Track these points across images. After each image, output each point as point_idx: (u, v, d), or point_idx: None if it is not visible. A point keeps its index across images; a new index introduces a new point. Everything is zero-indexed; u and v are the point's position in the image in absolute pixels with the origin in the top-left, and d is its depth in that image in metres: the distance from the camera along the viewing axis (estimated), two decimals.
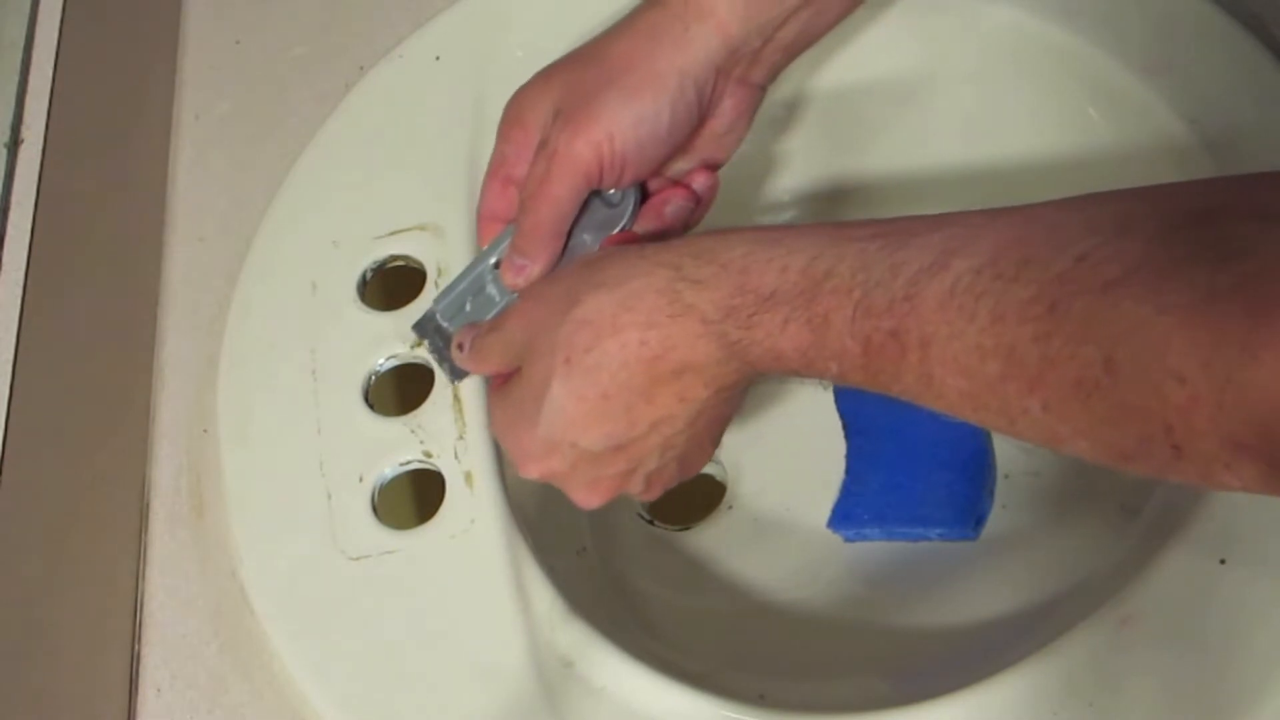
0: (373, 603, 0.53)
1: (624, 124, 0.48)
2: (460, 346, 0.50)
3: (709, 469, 0.63)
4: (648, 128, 0.48)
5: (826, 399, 0.61)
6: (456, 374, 0.53)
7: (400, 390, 0.59)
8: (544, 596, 0.51)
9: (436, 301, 0.54)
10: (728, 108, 0.51)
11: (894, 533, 0.58)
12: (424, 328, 0.54)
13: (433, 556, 0.53)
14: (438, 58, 0.65)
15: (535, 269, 0.50)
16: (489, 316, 0.51)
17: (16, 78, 0.60)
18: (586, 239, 0.50)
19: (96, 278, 0.61)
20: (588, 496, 0.47)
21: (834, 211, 0.66)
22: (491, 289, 0.52)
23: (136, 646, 0.56)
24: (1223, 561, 0.46)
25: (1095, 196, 0.36)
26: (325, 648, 0.52)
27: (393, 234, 0.61)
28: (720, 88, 0.50)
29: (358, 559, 0.54)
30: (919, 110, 0.64)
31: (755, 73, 0.51)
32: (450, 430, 0.56)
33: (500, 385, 0.48)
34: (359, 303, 0.60)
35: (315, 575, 0.54)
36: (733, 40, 0.49)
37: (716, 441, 0.48)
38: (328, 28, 0.70)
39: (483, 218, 0.53)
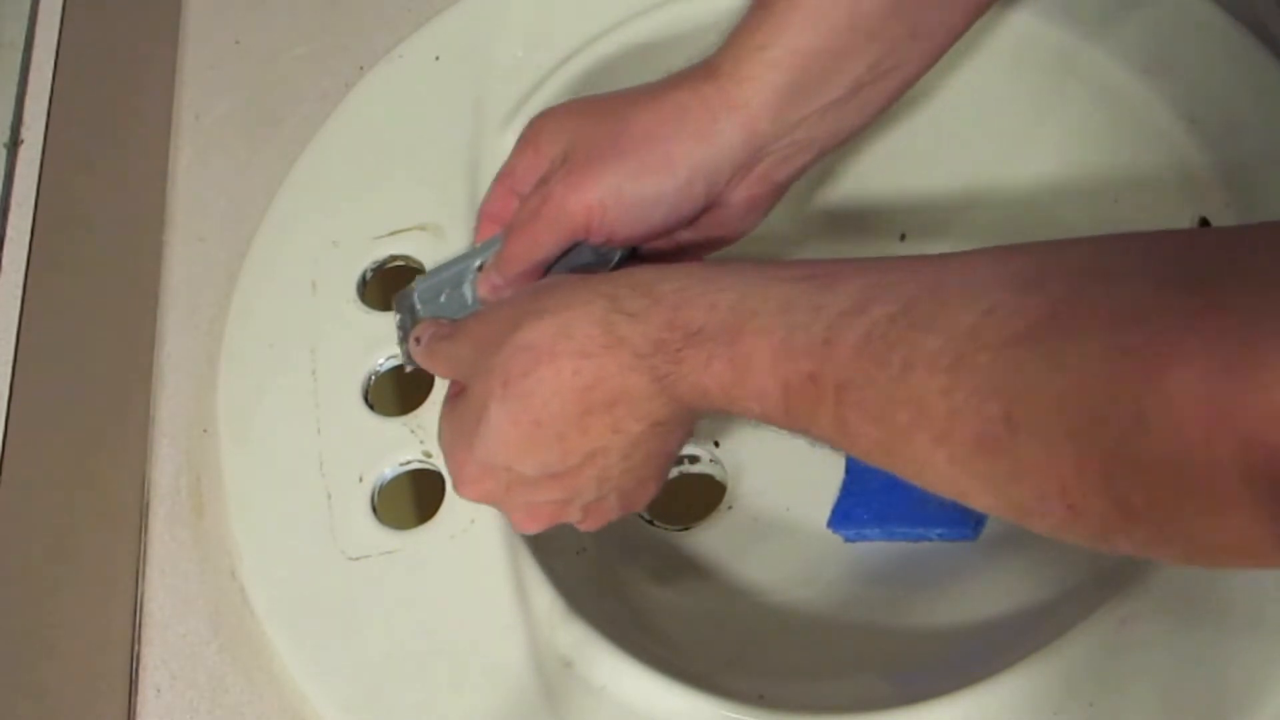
0: (372, 603, 0.53)
1: (621, 197, 0.47)
2: (417, 340, 0.51)
3: (709, 469, 0.63)
4: (644, 209, 0.48)
5: None
6: (409, 360, 0.53)
7: (400, 390, 0.59)
8: (544, 596, 0.51)
9: (419, 281, 0.54)
10: (740, 200, 0.50)
11: (894, 533, 0.57)
12: (401, 303, 0.55)
13: (433, 556, 0.53)
14: (438, 58, 0.65)
15: (506, 291, 0.50)
16: (458, 316, 0.52)
17: (16, 78, 0.60)
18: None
19: (96, 278, 0.61)
20: (524, 521, 0.47)
21: (831, 210, 0.66)
22: (467, 290, 0.53)
23: (136, 646, 0.56)
24: None
25: (1015, 248, 0.36)
26: (325, 647, 0.52)
27: (393, 234, 0.61)
28: (735, 182, 0.49)
29: (358, 559, 0.54)
30: (918, 110, 0.64)
31: (778, 171, 0.50)
32: None
33: (450, 401, 0.48)
34: (359, 303, 0.60)
35: (315, 575, 0.54)
36: (759, 138, 0.48)
37: (660, 478, 0.47)
38: (328, 28, 0.70)
39: (484, 215, 0.53)
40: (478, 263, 0.52)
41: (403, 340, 0.54)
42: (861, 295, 0.37)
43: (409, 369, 0.54)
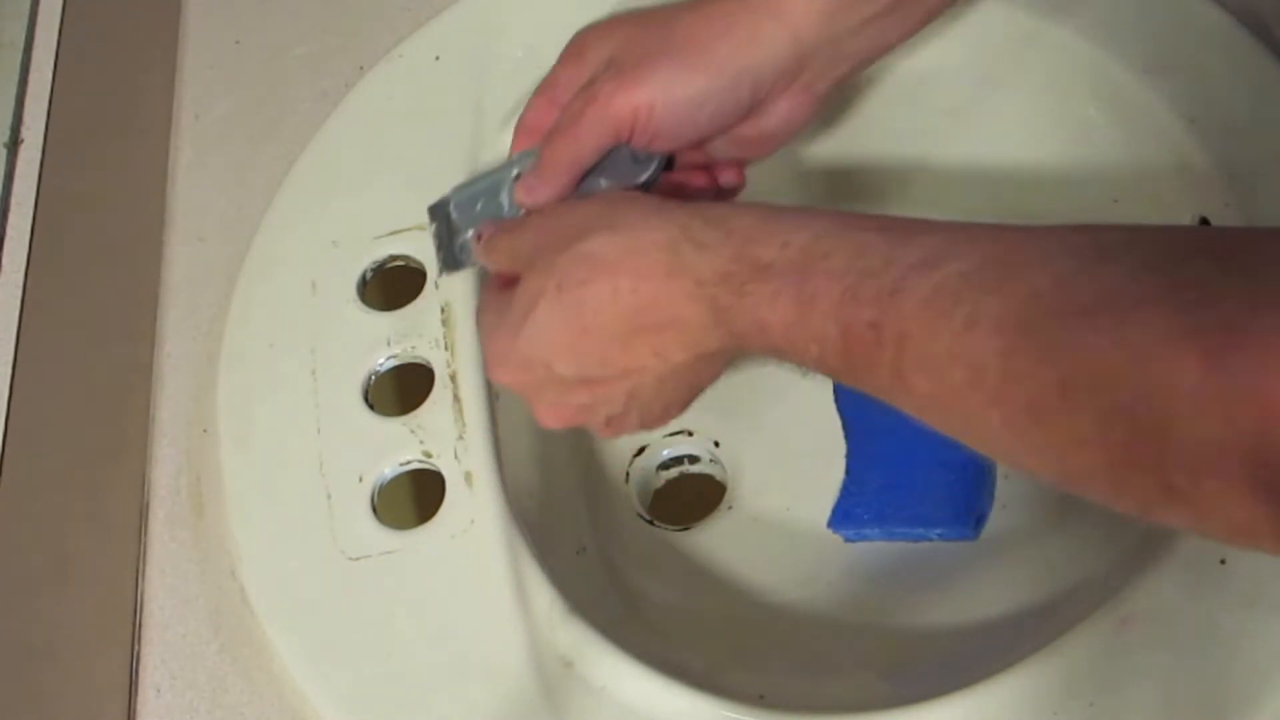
0: (372, 603, 0.53)
1: (669, 98, 0.48)
2: (479, 237, 0.51)
3: (709, 469, 0.63)
4: (690, 109, 0.48)
5: (827, 399, 0.61)
6: (448, 265, 0.54)
7: (400, 390, 0.59)
8: (544, 596, 0.51)
9: (454, 191, 0.54)
10: (781, 110, 0.50)
11: (894, 533, 0.57)
12: (435, 212, 0.55)
13: (433, 556, 0.53)
14: (438, 58, 0.65)
15: (544, 195, 0.50)
16: (485, 222, 0.53)
17: (16, 78, 0.60)
18: (603, 184, 0.51)
19: (96, 278, 0.61)
20: (547, 417, 0.49)
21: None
22: (504, 198, 0.53)
23: (136, 646, 0.56)
24: (1223, 561, 0.46)
25: (1092, 225, 0.36)
26: (325, 648, 0.52)
27: (393, 234, 0.61)
28: (779, 90, 0.50)
29: (357, 559, 0.54)
30: (918, 110, 0.64)
31: (820, 82, 0.50)
32: (450, 430, 0.56)
33: (498, 287, 0.49)
34: (359, 303, 0.60)
35: (315, 575, 0.54)
36: (804, 46, 0.48)
37: (684, 406, 0.48)
38: (328, 28, 0.70)
39: (520, 127, 0.53)
40: (515, 171, 0.52)
41: (439, 249, 0.55)
42: (935, 251, 0.38)
43: (443, 275, 0.56)
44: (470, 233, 0.53)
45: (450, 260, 0.54)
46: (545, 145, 0.50)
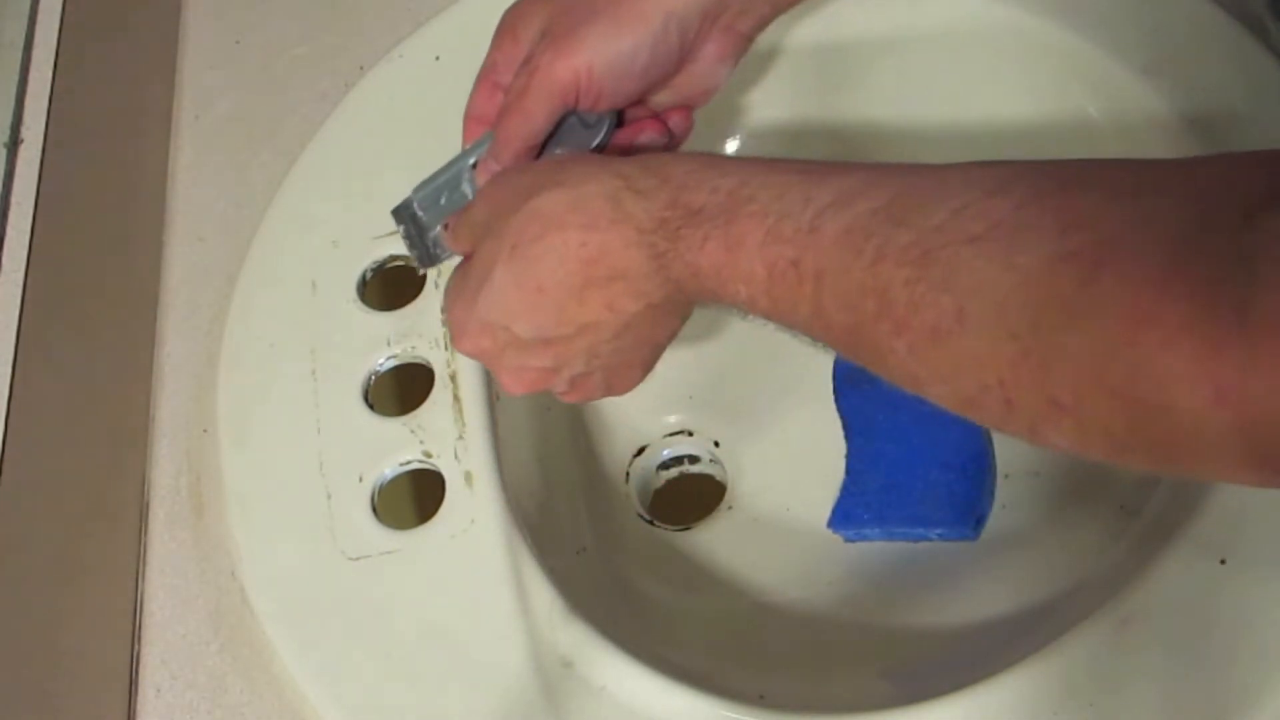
0: (372, 603, 0.53)
1: (604, 56, 0.49)
2: (446, 226, 0.53)
3: (709, 469, 0.63)
4: (626, 63, 0.50)
5: (827, 399, 0.61)
6: (424, 261, 0.55)
7: (400, 390, 0.59)
8: (544, 596, 0.51)
9: (415, 191, 0.55)
10: (710, 53, 0.52)
11: (894, 533, 0.57)
12: (401, 214, 0.56)
13: (433, 556, 0.53)
14: (438, 58, 0.65)
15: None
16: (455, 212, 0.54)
17: (16, 78, 0.60)
18: (559, 153, 0.52)
19: (96, 278, 0.61)
20: (512, 383, 0.49)
21: None
22: (466, 187, 0.54)
23: (136, 646, 0.56)
24: (1223, 561, 0.46)
25: (996, 162, 0.39)
26: (325, 647, 0.52)
27: (393, 234, 0.60)
28: (705, 33, 0.51)
29: (357, 559, 0.54)
30: (918, 110, 0.64)
31: (742, 22, 0.52)
32: (450, 430, 0.56)
33: (462, 264, 0.50)
34: (359, 303, 0.60)
35: (315, 575, 0.54)
36: None
37: (647, 366, 0.50)
38: (328, 28, 0.70)
39: (469, 118, 0.55)
40: (472, 160, 0.54)
41: (412, 247, 0.55)
42: (849, 190, 0.40)
43: (424, 270, 0.57)
44: (439, 228, 0.54)
45: (425, 257, 0.55)
46: (498, 126, 0.51)
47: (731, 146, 0.67)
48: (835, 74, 0.64)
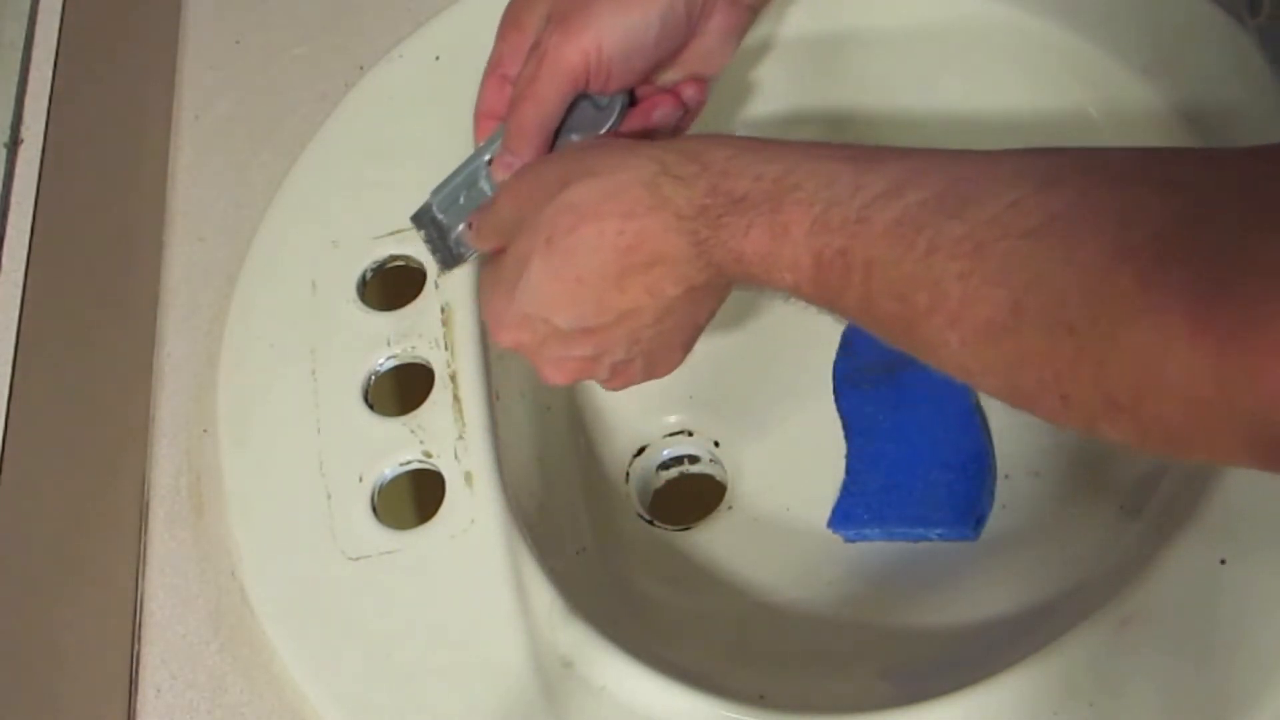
0: (372, 603, 0.53)
1: (613, 33, 0.49)
2: (470, 224, 0.53)
3: (709, 469, 0.63)
4: (636, 39, 0.50)
5: (827, 399, 0.61)
6: (448, 263, 0.55)
7: (400, 390, 0.59)
8: (544, 596, 0.51)
9: (433, 194, 0.55)
10: (716, 26, 0.52)
11: (894, 533, 0.57)
12: (421, 219, 0.56)
13: (433, 556, 0.53)
14: (438, 58, 0.65)
15: (522, 166, 0.52)
16: (476, 209, 0.54)
17: (16, 78, 0.60)
18: (574, 138, 0.52)
19: (96, 278, 0.61)
20: (554, 374, 0.49)
21: None
22: (484, 184, 0.54)
23: (136, 646, 0.56)
24: (1223, 561, 0.46)
25: (1047, 149, 0.38)
26: (325, 648, 0.52)
27: (393, 234, 0.61)
28: (710, 5, 0.51)
29: (357, 559, 0.54)
30: (916, 107, 0.64)
31: None
32: (450, 430, 0.56)
33: (492, 257, 0.50)
34: (359, 303, 0.60)
35: (315, 575, 0.54)
36: None
37: (687, 347, 0.50)
38: (328, 28, 0.70)
39: (480, 115, 0.54)
40: (487, 157, 0.53)
41: (435, 250, 0.56)
42: (899, 179, 0.39)
43: (444, 274, 0.57)
44: (462, 226, 0.54)
45: (449, 258, 0.55)
46: (510, 117, 0.51)
47: None
48: (832, 67, 0.64)
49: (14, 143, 0.58)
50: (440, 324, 0.58)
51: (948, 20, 0.62)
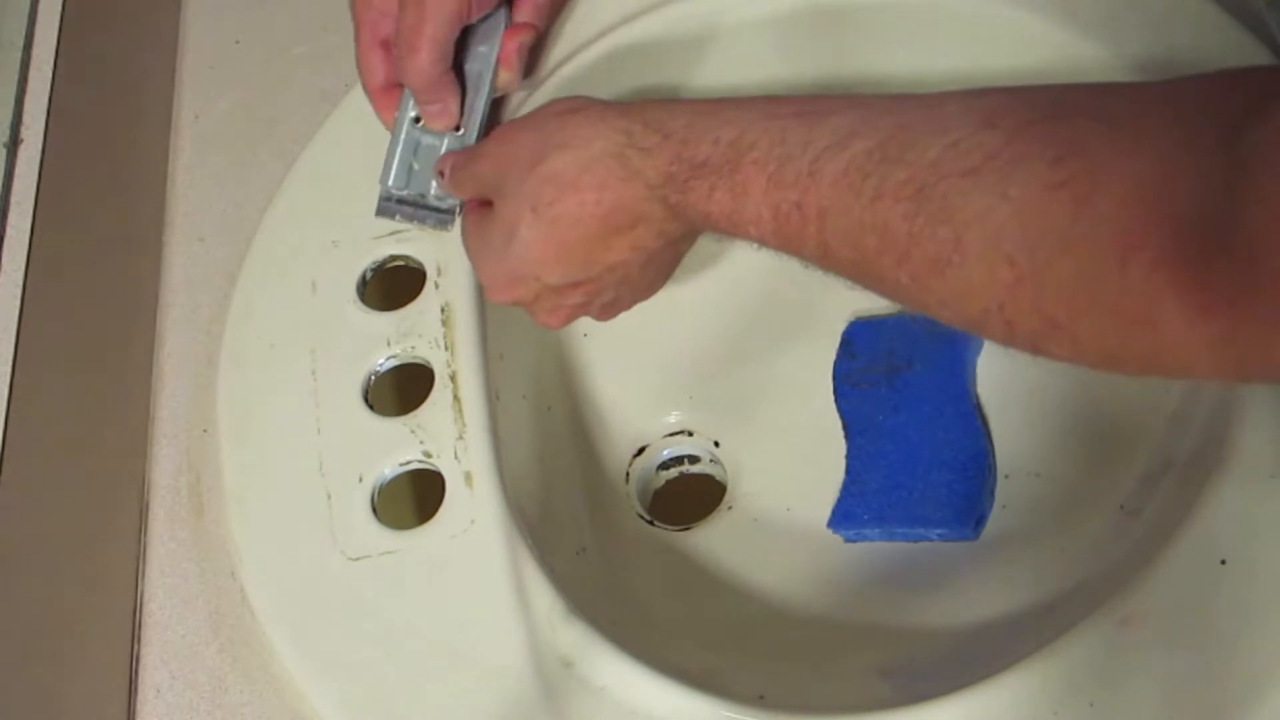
0: (372, 603, 0.53)
1: None
2: (441, 173, 0.55)
3: (709, 469, 0.63)
4: None
5: (827, 400, 0.61)
6: (444, 221, 0.58)
7: (400, 390, 0.59)
8: (544, 596, 0.51)
9: (383, 183, 0.57)
10: None
11: (894, 533, 0.57)
12: (387, 207, 0.58)
13: (433, 556, 0.53)
14: None
15: (450, 106, 0.56)
16: (441, 157, 0.57)
17: (16, 78, 0.60)
18: (481, 50, 0.56)
19: (96, 278, 0.61)
20: (549, 320, 0.53)
21: None
22: (428, 139, 0.57)
23: (136, 646, 0.56)
24: (1223, 562, 0.46)
25: (984, 91, 0.40)
26: (325, 648, 0.52)
27: (393, 234, 0.61)
28: None
29: (357, 559, 0.54)
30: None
31: None
32: (450, 430, 0.56)
33: (475, 215, 0.53)
34: (359, 303, 0.60)
35: (315, 575, 0.54)
36: None
37: (668, 275, 0.54)
38: (328, 27, 0.70)
39: (375, 90, 0.58)
40: (411, 114, 0.57)
41: (422, 220, 0.58)
42: (845, 131, 0.42)
43: (445, 229, 0.58)
44: (434, 184, 0.57)
45: (441, 217, 0.58)
46: (406, 72, 0.54)
47: None
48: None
49: (14, 143, 0.58)
50: (440, 324, 0.58)
51: (945, 21, 0.62)
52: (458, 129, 0.58)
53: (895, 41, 0.63)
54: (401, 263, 0.61)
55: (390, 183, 0.57)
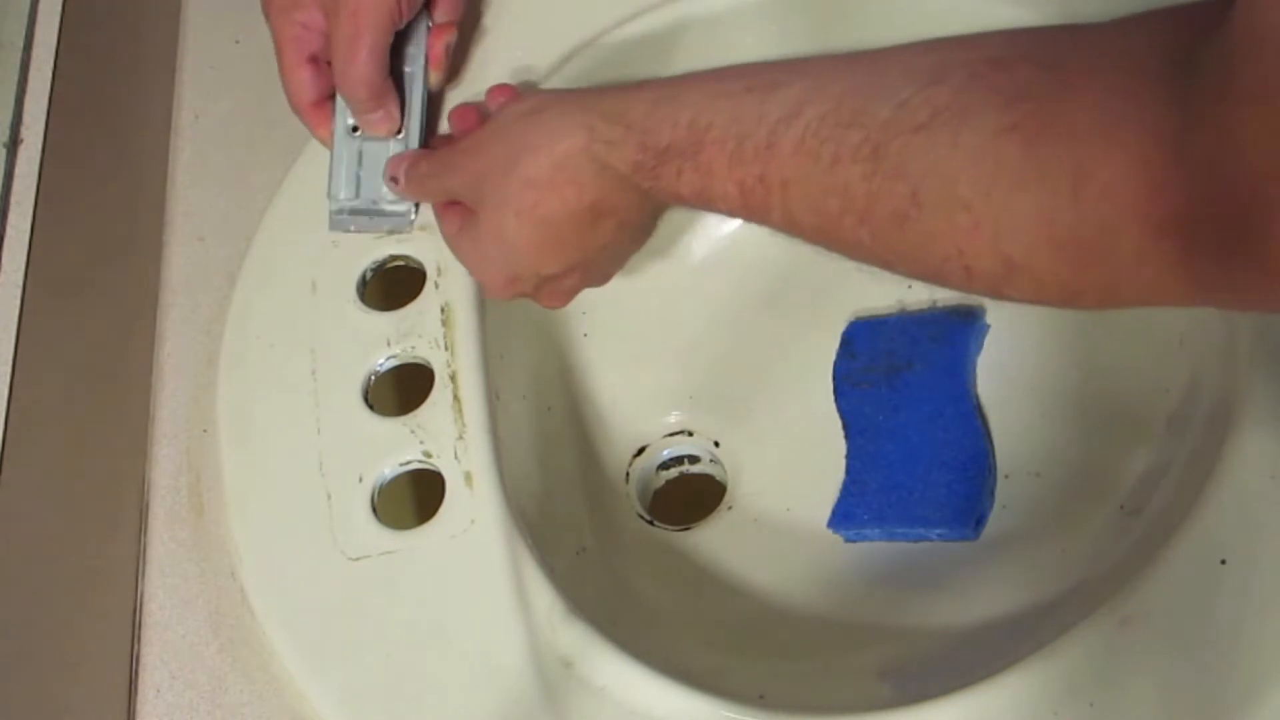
0: (372, 603, 0.53)
1: None
2: (395, 179, 0.57)
3: (709, 469, 0.63)
4: None
5: (827, 400, 0.61)
6: (398, 224, 0.59)
7: (400, 390, 0.59)
8: (544, 596, 0.51)
9: (331, 198, 0.59)
10: None
11: (894, 533, 0.57)
12: (340, 221, 0.59)
13: (433, 557, 0.53)
14: None
15: (391, 111, 0.58)
16: (388, 162, 0.58)
17: (16, 78, 0.60)
18: (411, 51, 0.57)
19: (96, 278, 0.61)
20: (552, 302, 0.55)
21: None
22: (370, 146, 0.58)
23: (136, 646, 0.56)
24: (1223, 561, 0.46)
25: (927, 45, 0.41)
26: (325, 648, 0.52)
27: (392, 234, 0.61)
28: None
29: (357, 559, 0.54)
30: None
31: None
32: (450, 430, 0.56)
33: (456, 224, 0.54)
34: (359, 303, 0.60)
35: (315, 575, 0.54)
36: None
37: (652, 231, 0.55)
38: None
39: (306, 106, 0.59)
40: (349, 123, 0.58)
41: (380, 225, 0.59)
42: (797, 101, 0.43)
43: (405, 229, 0.60)
44: (384, 189, 0.58)
45: (397, 220, 0.59)
46: (346, 84, 0.56)
47: None
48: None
49: (14, 143, 0.58)
50: (440, 324, 0.58)
51: (944, 22, 0.62)
52: (398, 132, 0.59)
53: (889, 34, 0.63)
54: (401, 263, 0.61)
55: (341, 195, 0.58)
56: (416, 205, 0.59)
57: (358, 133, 0.58)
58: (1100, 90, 0.35)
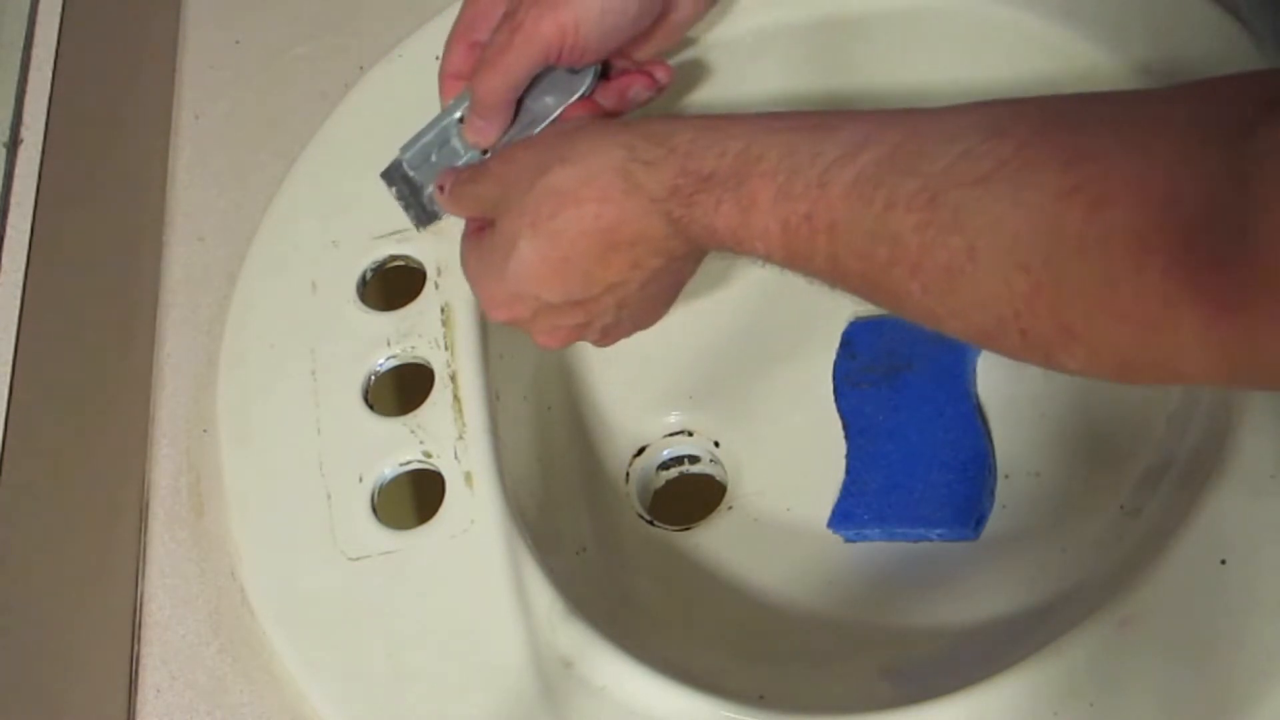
0: (372, 603, 0.53)
1: (590, 11, 0.50)
2: (441, 188, 0.54)
3: (709, 469, 0.63)
4: (612, 17, 0.51)
5: (827, 400, 0.61)
6: (422, 221, 0.57)
7: (400, 390, 0.59)
8: (544, 596, 0.51)
9: (403, 151, 0.56)
10: (688, 2, 0.54)
11: (894, 533, 0.57)
12: (391, 176, 0.57)
13: (433, 557, 0.53)
14: (437, 58, 0.65)
15: (493, 130, 0.54)
16: (445, 169, 0.55)
17: (16, 78, 0.60)
18: (549, 101, 0.54)
19: (96, 278, 0.61)
20: (547, 340, 0.52)
21: None
22: (456, 142, 0.55)
23: (136, 646, 0.56)
24: (1223, 562, 0.46)
25: (995, 101, 0.40)
26: (325, 648, 0.52)
27: (393, 234, 0.61)
28: None
29: (357, 559, 0.54)
30: (910, 102, 0.64)
31: None
32: (450, 430, 0.56)
33: (475, 234, 0.52)
34: (359, 303, 0.60)
35: (315, 575, 0.54)
36: None
37: (670, 303, 0.52)
38: (327, 28, 0.70)
39: (446, 75, 0.56)
40: (457, 115, 0.55)
41: (407, 207, 0.57)
42: (855, 142, 0.41)
43: (422, 228, 0.57)
44: (433, 186, 0.55)
45: (422, 215, 0.57)
46: (476, 83, 0.53)
47: None
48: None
49: (14, 143, 0.58)
50: (440, 324, 0.58)
51: (944, 22, 0.62)
52: (485, 152, 0.56)
53: (902, 52, 0.63)
54: (401, 263, 0.61)
55: (406, 158, 0.56)
56: (441, 215, 0.57)
57: (461, 123, 0.55)
58: (1164, 160, 0.34)
